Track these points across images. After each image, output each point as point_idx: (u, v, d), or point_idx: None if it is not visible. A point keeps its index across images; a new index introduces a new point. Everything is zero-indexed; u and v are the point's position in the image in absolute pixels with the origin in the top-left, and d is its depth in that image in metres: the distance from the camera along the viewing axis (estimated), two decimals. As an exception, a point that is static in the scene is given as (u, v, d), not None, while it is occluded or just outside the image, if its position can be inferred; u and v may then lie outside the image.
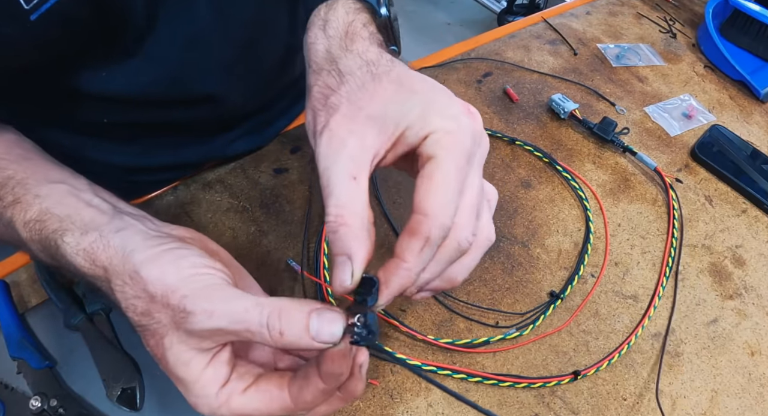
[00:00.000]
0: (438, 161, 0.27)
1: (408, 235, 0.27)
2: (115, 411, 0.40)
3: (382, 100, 0.28)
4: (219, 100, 0.51)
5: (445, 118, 0.27)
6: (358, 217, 0.26)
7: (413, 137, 0.27)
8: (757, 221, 0.63)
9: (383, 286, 0.27)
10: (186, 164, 0.56)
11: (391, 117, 0.27)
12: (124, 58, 0.42)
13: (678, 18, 0.91)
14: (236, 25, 0.47)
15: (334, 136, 0.27)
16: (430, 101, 0.28)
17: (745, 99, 0.78)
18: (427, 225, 0.26)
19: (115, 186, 0.58)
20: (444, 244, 0.28)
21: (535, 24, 0.83)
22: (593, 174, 0.64)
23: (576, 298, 0.53)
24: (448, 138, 0.27)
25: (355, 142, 0.27)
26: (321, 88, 0.31)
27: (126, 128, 0.51)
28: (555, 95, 0.69)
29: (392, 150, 0.28)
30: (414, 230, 0.26)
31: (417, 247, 0.26)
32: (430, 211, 0.26)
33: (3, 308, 0.43)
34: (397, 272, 0.27)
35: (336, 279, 0.27)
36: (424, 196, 0.26)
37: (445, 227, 0.27)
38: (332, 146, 0.27)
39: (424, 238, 0.26)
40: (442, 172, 0.27)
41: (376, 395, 0.44)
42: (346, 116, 0.28)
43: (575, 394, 0.47)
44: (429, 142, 0.27)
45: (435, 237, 0.26)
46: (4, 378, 0.40)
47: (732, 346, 0.52)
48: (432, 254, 0.27)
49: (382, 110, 0.27)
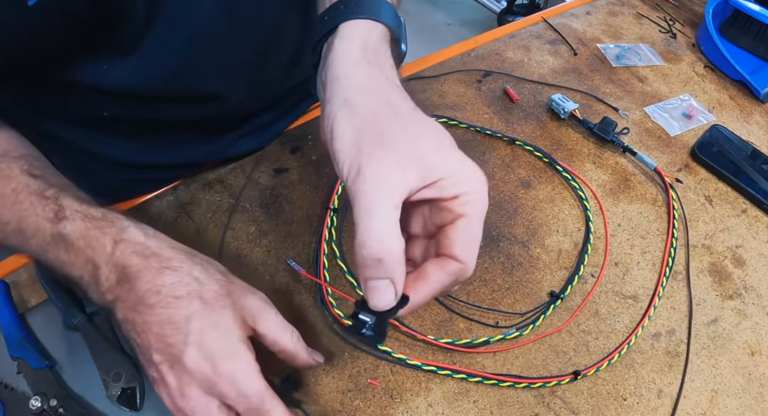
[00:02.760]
0: (470, 221, 0.31)
1: (441, 271, 0.31)
2: (115, 411, 0.40)
3: (428, 147, 0.31)
4: (222, 99, 0.51)
5: (474, 183, 0.31)
6: (398, 245, 0.29)
7: (445, 189, 0.30)
8: (757, 221, 0.63)
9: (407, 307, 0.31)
10: (188, 163, 0.56)
11: (432, 165, 0.30)
12: (123, 53, 0.42)
13: (678, 18, 0.91)
14: (244, 24, 0.47)
15: (382, 163, 0.29)
16: (462, 162, 0.31)
17: (745, 99, 0.78)
18: (460, 269, 0.31)
19: (115, 183, 0.58)
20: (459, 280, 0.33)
21: (535, 24, 0.83)
22: (593, 174, 0.64)
23: (576, 298, 0.53)
24: (477, 203, 0.31)
25: (400, 176, 0.29)
26: (368, 110, 0.32)
27: (127, 123, 0.51)
28: (555, 95, 0.69)
29: (421, 191, 0.30)
30: (447, 268, 0.31)
31: (446, 282, 0.31)
32: (465, 261, 0.31)
33: (3, 308, 0.43)
34: (425, 296, 0.31)
35: (381, 300, 0.30)
36: (462, 249, 0.31)
37: (469, 274, 0.32)
38: (380, 173, 0.29)
39: (454, 277, 0.31)
40: (474, 231, 0.31)
41: (376, 395, 0.44)
42: (397, 149, 0.30)
43: (575, 394, 0.47)
44: (462, 202, 0.31)
45: (460, 279, 0.32)
46: (4, 378, 0.40)
47: (732, 346, 0.52)
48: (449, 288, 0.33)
49: (426, 155, 0.30)
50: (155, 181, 0.55)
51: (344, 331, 0.34)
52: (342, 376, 0.45)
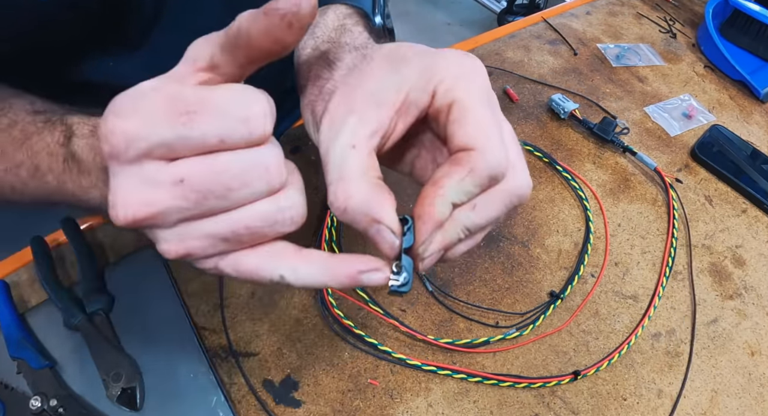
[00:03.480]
0: (463, 102, 0.25)
1: (449, 165, 0.25)
2: (115, 411, 0.40)
3: (377, 74, 0.26)
4: None
5: (447, 65, 0.25)
6: (361, 181, 0.24)
7: (420, 98, 0.25)
8: (757, 221, 0.63)
9: (418, 221, 0.25)
10: None
11: (388, 86, 0.25)
12: (130, 49, 0.42)
13: (678, 18, 0.91)
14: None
15: (333, 119, 0.26)
16: (425, 59, 0.26)
17: (745, 99, 0.78)
18: (473, 158, 0.24)
19: None
20: (501, 188, 0.26)
21: (535, 24, 0.83)
22: (593, 174, 0.64)
23: (576, 298, 0.53)
24: (460, 82, 0.25)
25: (354, 118, 0.25)
26: (313, 81, 0.30)
27: None
28: (555, 95, 0.69)
29: (401, 119, 0.26)
30: (457, 160, 0.24)
31: (457, 176, 0.24)
32: (477, 145, 0.24)
33: (3, 308, 0.43)
34: (432, 201, 0.24)
35: (384, 247, 0.25)
36: (464, 133, 0.24)
37: (494, 163, 0.24)
38: (333, 128, 0.26)
39: (468, 169, 0.24)
40: (473, 112, 0.25)
41: (376, 395, 0.44)
42: (344, 97, 0.26)
43: (575, 394, 0.47)
44: (441, 94, 0.25)
45: (481, 170, 0.24)
46: (4, 378, 0.40)
47: (732, 346, 0.52)
48: (474, 190, 0.25)
49: (378, 83, 0.26)
50: None
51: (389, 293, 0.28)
52: (342, 376, 0.45)
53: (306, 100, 0.31)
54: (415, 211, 0.25)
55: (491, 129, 0.25)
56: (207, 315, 0.46)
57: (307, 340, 0.46)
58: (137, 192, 0.22)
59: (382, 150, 0.26)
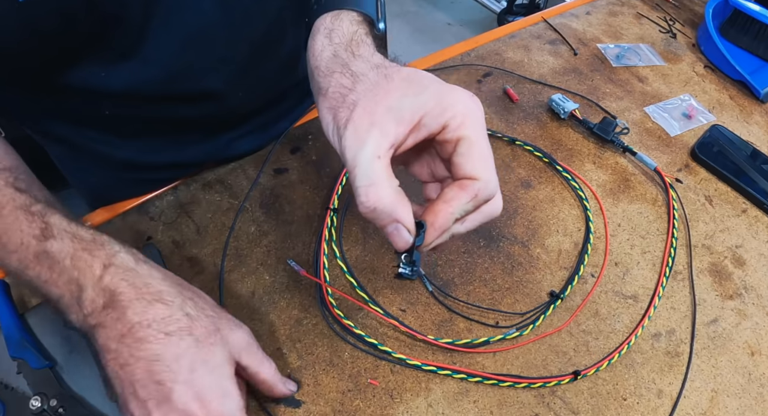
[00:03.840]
0: (471, 140, 0.31)
1: (458, 189, 0.32)
2: (115, 411, 0.40)
3: (397, 94, 0.31)
4: (221, 98, 0.51)
5: (456, 104, 0.31)
6: (388, 187, 0.30)
7: (432, 125, 0.31)
8: (757, 221, 0.63)
9: (429, 227, 0.32)
10: (187, 163, 0.56)
11: (408, 108, 0.31)
12: (121, 59, 0.42)
13: (678, 18, 0.91)
14: (242, 23, 0.47)
15: (358, 127, 0.30)
16: (441, 92, 0.31)
17: (745, 99, 0.78)
18: (477, 186, 0.31)
19: (115, 183, 0.58)
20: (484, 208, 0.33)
21: (535, 24, 0.83)
22: (593, 174, 0.64)
23: (576, 298, 0.53)
24: (468, 120, 0.31)
25: (377, 131, 0.30)
26: (336, 89, 0.34)
27: (128, 123, 0.51)
28: (555, 95, 0.69)
29: (411, 135, 0.31)
30: (464, 186, 0.32)
31: (464, 199, 0.32)
32: (479, 176, 0.31)
33: (3, 308, 0.43)
34: (444, 215, 0.32)
35: (399, 243, 0.32)
36: (472, 166, 0.31)
37: (491, 191, 0.32)
38: (358, 136, 0.30)
39: (473, 195, 0.32)
40: (479, 148, 0.31)
41: (376, 395, 0.44)
42: (366, 110, 0.31)
43: (575, 394, 0.47)
44: (453, 126, 0.31)
45: (481, 196, 0.32)
46: (4, 378, 0.40)
47: (732, 346, 0.52)
48: (471, 209, 0.32)
49: (398, 103, 0.31)
50: (155, 180, 0.55)
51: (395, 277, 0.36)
52: (342, 376, 0.45)
53: (327, 104, 0.34)
54: (427, 219, 0.32)
55: (491, 163, 0.32)
56: (207, 315, 0.46)
57: (307, 340, 0.46)
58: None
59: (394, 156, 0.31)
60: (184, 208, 0.53)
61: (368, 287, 0.50)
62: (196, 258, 0.50)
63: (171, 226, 0.52)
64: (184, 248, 0.50)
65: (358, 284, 0.49)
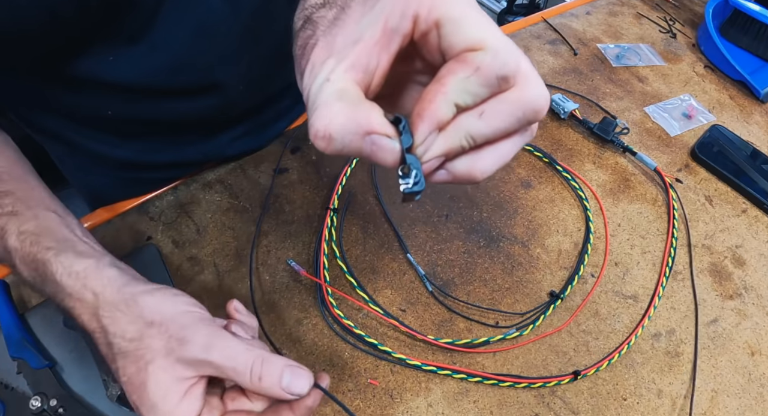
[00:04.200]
0: (452, 16, 0.22)
1: (453, 62, 0.22)
2: (115, 411, 0.40)
3: (354, 17, 0.25)
4: (223, 90, 0.51)
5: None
6: (337, 102, 0.22)
7: (401, 25, 0.23)
8: (757, 221, 0.63)
9: (416, 118, 0.23)
10: (187, 163, 0.56)
11: (364, 24, 0.24)
12: (130, 43, 0.42)
13: (678, 18, 0.91)
14: (245, 13, 0.47)
15: (315, 64, 0.24)
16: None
17: (745, 99, 0.78)
18: (480, 55, 0.21)
19: (115, 182, 0.58)
20: (510, 96, 0.23)
21: (535, 24, 0.83)
22: (593, 174, 0.64)
23: (576, 298, 0.53)
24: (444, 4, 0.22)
25: (332, 59, 0.24)
26: (300, 44, 0.29)
27: (129, 123, 0.51)
28: (555, 95, 0.69)
29: (383, 51, 0.24)
30: (462, 58, 0.22)
31: (462, 73, 0.22)
32: (484, 42, 0.21)
33: (3, 308, 0.43)
34: (434, 97, 0.22)
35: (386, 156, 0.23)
36: (465, 36, 0.22)
37: (504, 62, 0.22)
38: (313, 73, 0.24)
39: (474, 67, 0.22)
40: (468, 19, 0.22)
41: (376, 395, 0.44)
42: (323, 47, 0.25)
43: (575, 394, 0.47)
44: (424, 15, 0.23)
45: (490, 70, 0.22)
46: (4, 378, 0.40)
47: (732, 346, 0.52)
48: (481, 92, 0.22)
49: (354, 25, 0.24)
50: (155, 180, 0.55)
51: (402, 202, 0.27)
52: (342, 376, 0.45)
53: (295, 64, 0.29)
54: (413, 109, 0.23)
55: (495, 28, 0.22)
56: (207, 315, 0.46)
57: (307, 340, 0.46)
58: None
59: (371, 87, 0.24)
60: (184, 208, 0.53)
61: (368, 287, 0.50)
62: (196, 258, 0.50)
63: (171, 226, 0.52)
64: (184, 248, 0.50)
65: (358, 284, 0.49)
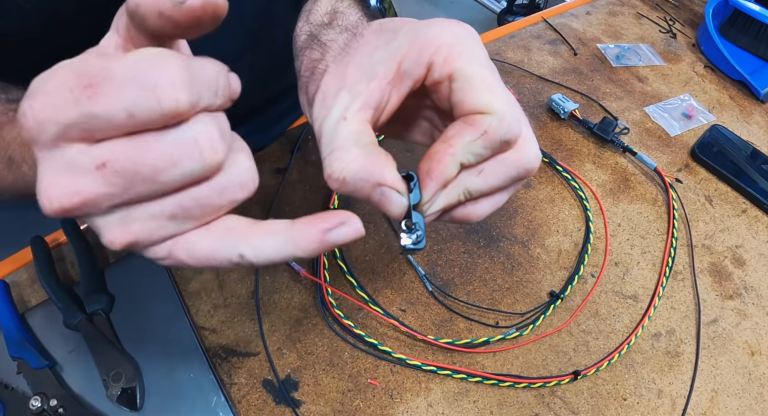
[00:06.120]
0: (465, 71, 0.24)
1: (461, 123, 0.24)
2: (115, 411, 0.40)
3: (367, 49, 0.26)
4: None
5: (440, 35, 0.25)
6: (354, 148, 0.23)
7: (414, 69, 0.25)
8: (757, 221, 0.63)
9: (425, 177, 0.24)
10: None
11: (378, 59, 0.25)
12: None
13: (678, 18, 0.91)
14: (248, 16, 0.47)
15: (326, 95, 0.25)
16: (415, 29, 0.26)
17: (745, 99, 0.78)
18: (487, 120, 0.23)
19: None
20: (508, 157, 0.25)
21: (535, 24, 0.83)
22: (593, 174, 0.64)
23: (576, 298, 0.53)
24: (456, 50, 0.24)
25: (345, 93, 0.25)
26: (307, 65, 0.29)
27: None
28: (555, 95, 0.69)
29: (394, 90, 0.25)
30: (469, 120, 0.24)
31: (469, 136, 0.23)
32: (491, 108, 0.23)
33: (3, 308, 0.43)
34: (443, 158, 0.24)
35: (392, 209, 0.24)
36: (476, 98, 0.23)
37: (508, 127, 0.23)
38: (325, 104, 0.25)
39: (481, 130, 0.23)
40: (479, 77, 0.24)
41: (376, 395, 0.44)
42: (335, 76, 0.26)
43: (575, 394, 0.47)
44: (438, 65, 0.24)
45: (495, 134, 0.23)
46: (4, 378, 0.40)
47: (732, 346, 0.52)
48: (484, 153, 0.24)
49: (367, 58, 0.25)
50: None
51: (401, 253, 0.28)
52: (342, 376, 0.45)
53: (300, 83, 0.30)
54: (421, 167, 0.24)
55: (503, 93, 0.24)
56: (207, 315, 0.46)
57: (307, 340, 0.46)
58: (61, 179, 0.19)
59: (379, 123, 0.26)
60: (184, 208, 0.53)
61: (368, 287, 0.50)
62: (196, 258, 0.50)
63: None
64: (184, 248, 0.50)
65: (358, 284, 0.49)
